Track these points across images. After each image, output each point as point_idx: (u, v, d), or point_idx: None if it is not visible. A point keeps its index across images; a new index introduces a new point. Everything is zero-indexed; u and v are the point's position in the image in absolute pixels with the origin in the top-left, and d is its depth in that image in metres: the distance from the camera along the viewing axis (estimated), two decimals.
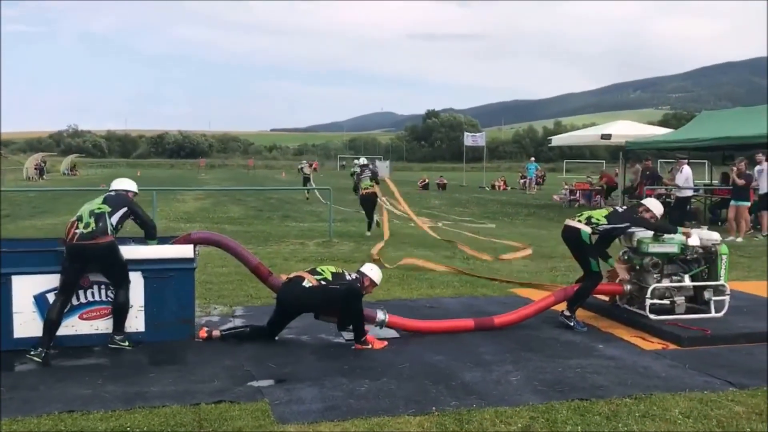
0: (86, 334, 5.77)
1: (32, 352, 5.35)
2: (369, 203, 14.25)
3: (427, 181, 38.13)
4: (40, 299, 5.66)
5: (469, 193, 32.58)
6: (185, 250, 6.04)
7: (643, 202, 7.12)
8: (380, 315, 6.10)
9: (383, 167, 54.73)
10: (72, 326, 5.74)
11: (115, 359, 5.45)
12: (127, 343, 5.73)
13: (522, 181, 38.32)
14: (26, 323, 5.62)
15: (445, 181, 38.23)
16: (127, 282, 5.77)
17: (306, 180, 31.00)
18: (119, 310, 5.74)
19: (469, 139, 45.73)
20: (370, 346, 5.78)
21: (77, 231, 5.59)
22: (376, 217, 14.39)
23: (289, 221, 17.45)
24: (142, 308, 5.92)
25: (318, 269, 6.15)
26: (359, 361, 5.45)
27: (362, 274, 6.15)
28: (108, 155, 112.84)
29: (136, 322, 5.90)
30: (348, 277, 6.08)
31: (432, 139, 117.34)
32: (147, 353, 5.62)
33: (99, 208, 5.75)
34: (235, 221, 17.36)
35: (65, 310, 5.61)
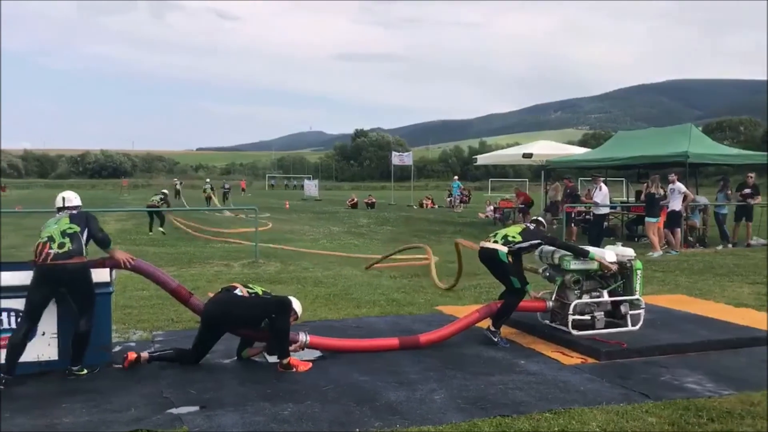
0: None
1: None
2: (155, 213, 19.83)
3: (356, 200, 38.20)
4: None
5: (397, 212, 32.79)
6: (101, 274, 5.83)
7: (535, 217, 7.49)
8: (302, 337, 6.04)
9: (312, 186, 54.61)
10: None
11: (24, 389, 5.19)
12: (85, 371, 5.53)
13: (448, 199, 38.88)
14: None
15: (374, 200, 38.37)
16: (93, 309, 5.57)
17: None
18: (81, 340, 5.51)
19: (396, 159, 46.11)
20: (294, 369, 5.70)
21: (51, 251, 5.36)
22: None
23: (214, 242, 17.13)
24: (56, 335, 5.68)
25: (249, 285, 6.11)
26: (283, 384, 5.37)
27: None
28: (25, 176, 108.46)
29: (48, 349, 5.66)
30: None
31: (361, 159, 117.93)
32: (59, 382, 5.38)
33: (71, 228, 5.56)
34: (158, 243, 16.92)
35: (30, 335, 5.40)
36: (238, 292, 5.90)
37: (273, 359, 5.89)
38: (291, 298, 6.19)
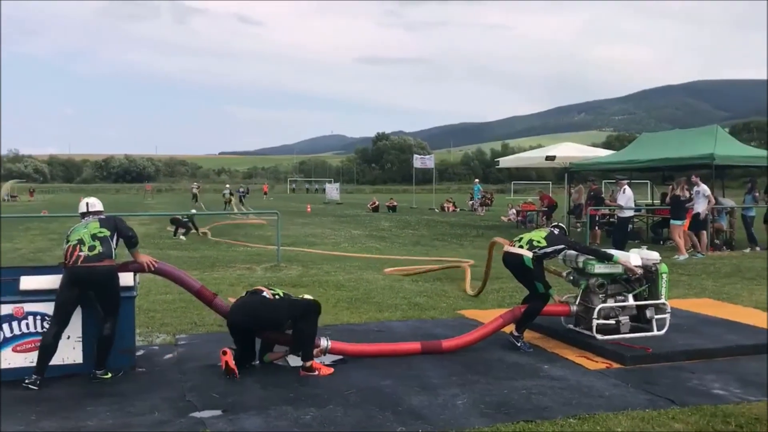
0: (20, 367, 5.52)
1: (27, 381, 5.27)
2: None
3: (377, 203, 38.21)
4: None
5: (418, 215, 32.74)
6: (125, 278, 5.87)
7: (556, 223, 7.37)
8: (323, 342, 6.03)
9: (333, 190, 54.77)
10: (5, 359, 5.51)
11: (49, 392, 5.23)
12: (109, 375, 5.60)
13: (470, 202, 38.74)
14: None
15: (395, 203, 38.36)
16: (118, 313, 5.65)
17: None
18: (105, 343, 5.58)
19: (418, 161, 46.06)
20: (316, 373, 5.70)
21: (81, 253, 5.47)
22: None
23: (237, 246, 17.22)
24: (80, 339, 5.73)
25: (272, 287, 6.13)
26: (305, 388, 5.36)
27: None
28: (50, 180, 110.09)
29: (73, 353, 5.70)
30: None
31: (383, 162, 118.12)
32: (84, 385, 5.42)
33: (101, 232, 5.67)
34: (181, 246, 17.05)
35: (60, 336, 5.48)
36: (266, 294, 5.90)
37: (295, 363, 5.89)
38: (308, 296, 6.21)
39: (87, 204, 6.04)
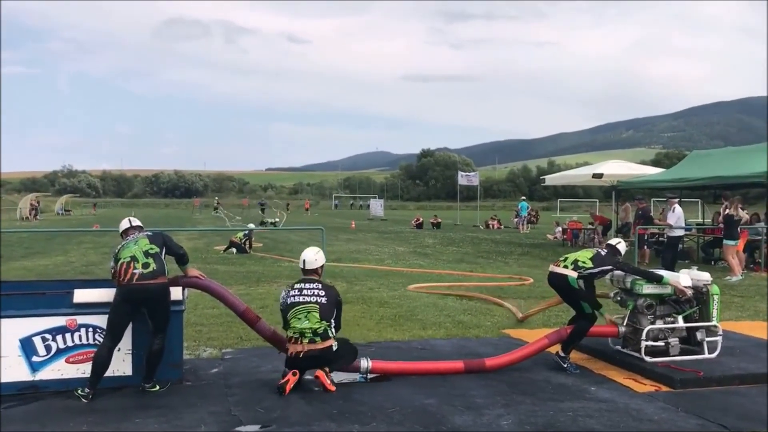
0: (72, 378, 5.67)
1: (79, 391, 5.41)
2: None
3: (421, 220, 38.19)
4: (26, 343, 5.60)
5: (463, 232, 32.58)
6: (174, 293, 5.98)
7: (609, 242, 7.13)
8: (364, 363, 6.04)
9: (378, 206, 54.93)
10: (58, 370, 5.67)
11: (100, 403, 5.35)
12: (157, 388, 5.72)
13: (516, 220, 38.38)
14: (11, 367, 5.54)
15: (439, 220, 38.28)
16: (167, 328, 5.77)
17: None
18: (155, 357, 5.71)
19: (463, 179, 45.93)
20: (327, 382, 5.72)
21: (136, 271, 5.58)
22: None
23: (281, 261, 17.39)
24: (130, 351, 5.85)
25: (314, 335, 5.80)
26: (349, 404, 5.38)
27: None
28: (103, 195, 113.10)
29: (123, 365, 5.83)
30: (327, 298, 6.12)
31: (427, 178, 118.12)
32: (133, 397, 5.53)
33: (152, 249, 5.78)
34: (228, 261, 17.29)
35: (113, 352, 5.60)
36: (334, 346, 5.86)
37: (339, 379, 5.92)
38: None
39: (129, 221, 6.18)
